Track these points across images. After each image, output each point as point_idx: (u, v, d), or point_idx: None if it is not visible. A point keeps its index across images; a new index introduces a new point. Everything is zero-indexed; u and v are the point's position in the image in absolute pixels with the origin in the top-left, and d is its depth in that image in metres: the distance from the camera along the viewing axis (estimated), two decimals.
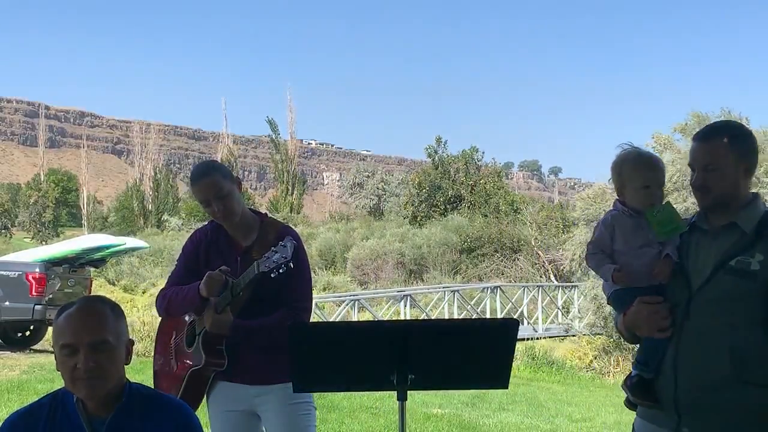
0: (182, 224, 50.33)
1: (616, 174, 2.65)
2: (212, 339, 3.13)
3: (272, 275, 2.94)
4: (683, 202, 14.81)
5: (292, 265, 2.95)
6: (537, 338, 18.73)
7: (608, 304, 2.74)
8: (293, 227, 3.56)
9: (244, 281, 3.03)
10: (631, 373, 2.60)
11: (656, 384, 2.51)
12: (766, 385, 2.39)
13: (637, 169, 2.59)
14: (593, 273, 2.80)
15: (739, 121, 2.79)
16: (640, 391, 2.53)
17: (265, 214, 3.41)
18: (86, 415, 2.27)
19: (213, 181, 3.13)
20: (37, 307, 12.45)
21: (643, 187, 2.57)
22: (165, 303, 3.27)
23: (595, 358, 16.88)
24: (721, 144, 2.48)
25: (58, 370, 2.27)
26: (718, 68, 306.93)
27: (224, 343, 3.15)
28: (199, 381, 3.20)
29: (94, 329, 2.22)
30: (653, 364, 2.51)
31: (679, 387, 2.45)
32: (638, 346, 2.68)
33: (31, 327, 13.73)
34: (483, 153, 44.58)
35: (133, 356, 2.35)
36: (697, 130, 2.66)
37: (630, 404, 2.69)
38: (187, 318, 3.29)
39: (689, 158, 2.56)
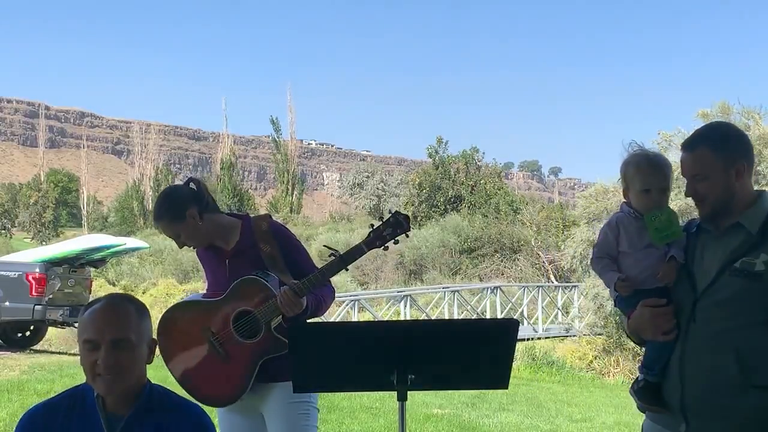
0: None
1: (622, 175, 2.63)
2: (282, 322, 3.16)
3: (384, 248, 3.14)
4: (684, 198, 14.73)
5: (407, 236, 3.17)
6: (537, 338, 18.73)
7: (615, 306, 2.71)
8: (292, 227, 3.62)
9: (350, 257, 3.23)
10: (638, 377, 2.57)
11: (662, 388, 2.49)
12: None
13: (639, 172, 2.57)
14: (593, 273, 2.75)
15: (726, 122, 2.72)
16: (648, 395, 2.50)
17: (246, 214, 3.48)
18: (105, 412, 2.29)
19: (162, 226, 3.30)
20: (37, 307, 12.46)
21: (643, 190, 2.55)
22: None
23: (596, 358, 16.86)
24: (706, 152, 2.46)
25: (81, 365, 2.31)
26: (718, 66, 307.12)
27: None
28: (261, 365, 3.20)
29: (116, 326, 2.26)
30: (658, 368, 2.49)
31: (686, 391, 2.42)
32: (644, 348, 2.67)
33: (31, 327, 13.74)
34: (483, 153, 44.59)
35: None
36: (720, 118, 2.65)
37: (643, 410, 2.65)
38: (220, 309, 3.23)
39: (680, 168, 2.54)
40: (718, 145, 2.47)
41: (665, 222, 2.50)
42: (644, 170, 2.57)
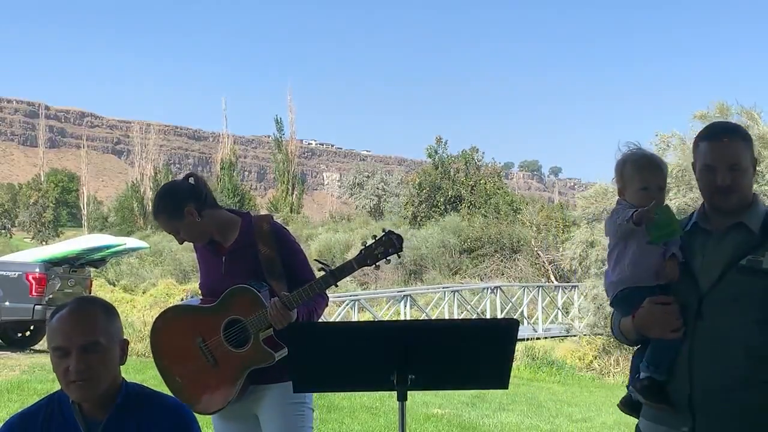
0: None
1: (618, 174, 2.63)
2: (272, 333, 3.14)
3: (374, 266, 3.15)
4: (682, 197, 14.69)
5: (399, 257, 3.20)
6: (537, 338, 18.72)
7: (611, 305, 2.66)
8: (292, 227, 3.61)
9: (342, 274, 3.13)
10: (638, 375, 2.54)
11: (668, 386, 2.47)
12: None
13: (637, 171, 2.58)
14: (593, 272, 2.70)
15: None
16: (653, 393, 2.48)
17: (248, 212, 3.46)
18: (82, 417, 2.26)
19: (160, 223, 3.29)
20: (37, 307, 12.45)
21: (642, 188, 2.56)
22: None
23: (596, 358, 16.87)
24: (742, 145, 2.46)
25: (54, 372, 2.27)
26: (716, 65, 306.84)
27: None
28: (249, 374, 3.19)
29: (84, 331, 2.21)
30: (665, 366, 2.47)
31: (695, 388, 2.42)
32: (637, 348, 2.64)
33: (31, 327, 13.73)
34: (483, 153, 44.53)
35: (134, 356, 2.37)
36: (718, 119, 2.64)
37: (625, 406, 2.66)
38: (211, 316, 3.22)
39: (709, 157, 2.47)
40: (748, 142, 2.49)
41: (666, 220, 2.48)
42: (644, 168, 2.58)
